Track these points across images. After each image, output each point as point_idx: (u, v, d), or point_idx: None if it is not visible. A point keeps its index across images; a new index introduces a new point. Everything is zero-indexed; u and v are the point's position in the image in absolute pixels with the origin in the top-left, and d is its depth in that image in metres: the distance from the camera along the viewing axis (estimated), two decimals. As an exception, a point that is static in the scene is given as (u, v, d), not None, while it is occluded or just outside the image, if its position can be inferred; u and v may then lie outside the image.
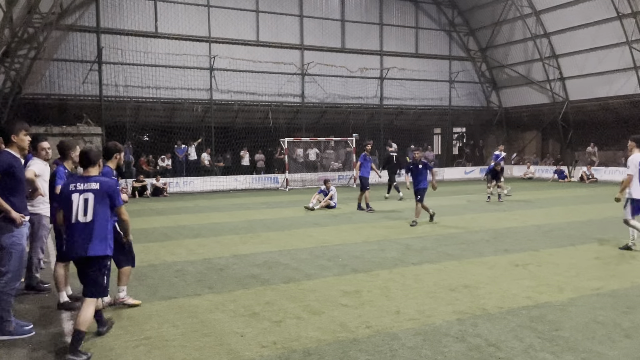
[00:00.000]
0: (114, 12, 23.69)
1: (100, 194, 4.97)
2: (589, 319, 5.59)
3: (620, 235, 10.71)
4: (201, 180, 24.41)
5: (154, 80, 24.44)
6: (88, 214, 4.92)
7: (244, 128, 26.79)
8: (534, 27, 28.71)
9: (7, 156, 5.39)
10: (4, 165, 5.29)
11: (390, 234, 11.40)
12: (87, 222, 4.91)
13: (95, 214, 4.93)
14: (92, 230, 4.90)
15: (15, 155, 5.48)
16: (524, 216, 13.97)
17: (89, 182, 5.01)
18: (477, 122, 34.13)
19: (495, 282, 7.15)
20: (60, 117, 22.04)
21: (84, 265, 4.96)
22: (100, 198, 4.96)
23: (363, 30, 29.67)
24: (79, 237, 4.90)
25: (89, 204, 4.92)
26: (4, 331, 5.25)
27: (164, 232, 11.96)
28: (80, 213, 4.92)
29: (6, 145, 5.52)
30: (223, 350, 4.87)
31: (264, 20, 26.94)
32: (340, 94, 28.95)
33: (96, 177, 5.11)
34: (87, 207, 4.92)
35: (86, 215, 4.92)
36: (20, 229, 5.42)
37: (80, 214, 4.92)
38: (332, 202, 16.41)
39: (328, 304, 6.26)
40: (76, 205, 4.93)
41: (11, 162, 5.37)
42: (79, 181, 5.04)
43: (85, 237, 4.89)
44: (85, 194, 4.94)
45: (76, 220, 4.93)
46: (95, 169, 5.18)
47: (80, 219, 4.92)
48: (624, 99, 26.18)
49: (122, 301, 6.25)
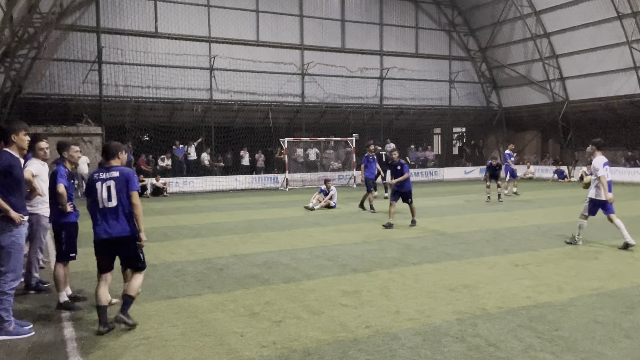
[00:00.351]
0: (114, 12, 23.68)
1: (120, 181, 5.51)
2: (588, 319, 5.59)
3: (619, 235, 10.71)
4: (201, 180, 24.41)
5: (154, 80, 24.43)
6: (113, 199, 5.49)
7: (244, 128, 26.78)
8: (534, 27, 28.70)
9: (7, 156, 5.39)
10: (3, 165, 5.30)
11: (390, 233, 11.41)
12: (113, 207, 5.49)
13: (119, 199, 5.50)
14: (117, 213, 5.48)
15: (15, 155, 5.49)
16: (523, 216, 13.98)
17: (110, 172, 5.57)
18: (477, 122, 34.13)
19: (495, 282, 7.16)
20: (60, 117, 22.04)
21: (119, 245, 5.52)
22: (121, 185, 5.51)
23: (363, 30, 29.65)
24: (109, 220, 5.47)
25: (112, 191, 5.50)
26: (4, 331, 5.25)
27: (164, 232, 11.96)
28: (106, 199, 5.49)
29: (5, 145, 5.52)
30: (223, 350, 4.87)
31: (264, 20, 26.93)
32: (340, 93, 28.94)
33: (117, 167, 5.64)
34: (111, 193, 5.50)
35: (111, 200, 5.49)
36: (19, 229, 5.43)
37: (105, 200, 5.49)
38: (332, 202, 16.41)
39: (328, 303, 6.26)
40: (100, 192, 5.50)
41: (10, 162, 5.37)
42: (102, 171, 5.63)
43: (114, 220, 5.48)
44: (107, 182, 5.52)
45: (103, 206, 5.49)
46: (116, 161, 5.67)
47: (107, 204, 5.48)
48: (624, 98, 26.18)
49: None
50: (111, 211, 5.47)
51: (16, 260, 5.43)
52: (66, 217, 6.34)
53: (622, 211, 14.63)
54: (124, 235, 5.48)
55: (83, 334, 5.35)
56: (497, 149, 31.78)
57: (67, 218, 6.35)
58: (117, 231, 5.45)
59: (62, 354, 4.86)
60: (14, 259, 5.39)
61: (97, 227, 5.52)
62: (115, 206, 5.48)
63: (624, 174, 26.34)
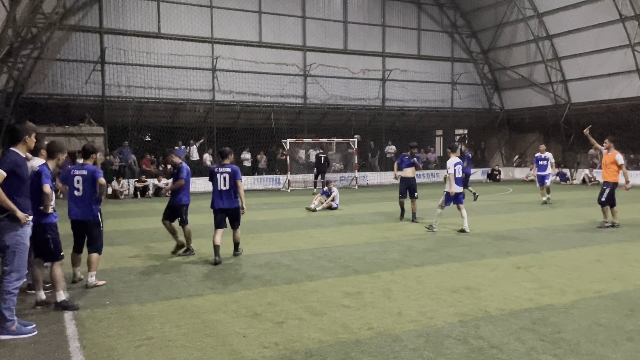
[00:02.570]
0: (117, 13, 23.74)
1: (231, 174, 8.86)
2: (591, 321, 5.58)
3: (621, 237, 10.71)
4: (203, 180, 24.37)
5: (157, 81, 24.48)
6: (227, 184, 8.82)
7: (246, 129, 26.80)
8: (537, 29, 28.69)
9: (14, 155, 5.44)
10: (10, 164, 5.33)
11: (392, 235, 11.40)
12: (226, 190, 8.87)
13: (230, 185, 8.86)
14: (229, 193, 8.87)
15: (22, 155, 5.53)
16: (526, 218, 13.96)
17: (225, 167, 8.91)
18: (479, 124, 34.11)
19: (497, 284, 7.15)
20: (62, 117, 22.07)
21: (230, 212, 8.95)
22: (230, 175, 8.85)
23: (365, 32, 29.67)
24: (223, 198, 8.86)
25: (227, 180, 8.83)
26: (7, 330, 5.26)
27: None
28: (222, 184, 8.84)
29: (13, 145, 5.55)
30: (225, 351, 4.87)
31: (266, 22, 26.97)
32: (342, 95, 28.96)
33: (228, 164, 8.95)
34: (226, 181, 8.81)
35: (225, 185, 8.83)
36: (25, 229, 5.46)
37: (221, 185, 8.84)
38: (334, 204, 16.40)
39: (330, 305, 6.26)
40: (218, 181, 8.85)
41: (17, 161, 5.42)
42: (217, 167, 9.00)
43: (227, 198, 8.87)
44: (223, 174, 8.84)
45: (220, 189, 8.88)
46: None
47: (223, 188, 8.84)
48: (627, 101, 26.15)
49: (94, 284, 7.21)
50: (225, 193, 8.84)
51: (21, 259, 5.45)
52: (48, 218, 6.23)
53: (624, 214, 14.62)
54: (235, 206, 8.93)
55: (85, 334, 5.35)
56: None
57: (48, 219, 6.24)
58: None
59: (64, 353, 4.86)
60: (18, 259, 5.41)
61: (216, 201, 8.90)
62: (227, 189, 8.83)
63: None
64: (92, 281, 7.20)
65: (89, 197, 7.11)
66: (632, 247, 9.84)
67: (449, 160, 11.77)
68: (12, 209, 5.29)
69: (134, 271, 8.13)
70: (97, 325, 5.60)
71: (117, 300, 6.55)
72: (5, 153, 5.52)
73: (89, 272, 7.21)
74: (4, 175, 5.24)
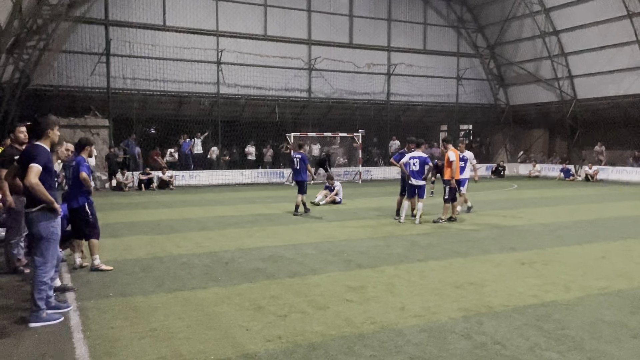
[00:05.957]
0: (123, 5, 23.69)
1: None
2: (595, 318, 5.57)
3: (626, 234, 10.66)
4: (207, 173, 24.47)
5: (162, 73, 24.46)
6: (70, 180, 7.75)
7: (250, 122, 26.78)
8: (543, 25, 28.51)
9: (43, 150, 5.57)
10: (44, 159, 5.48)
11: (396, 230, 11.39)
12: None
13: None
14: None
15: (48, 149, 5.67)
16: (530, 214, 13.92)
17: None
18: (484, 119, 33.98)
19: (501, 280, 7.13)
20: (67, 108, 22.11)
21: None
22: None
23: (371, 26, 29.54)
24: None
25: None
26: (39, 318, 5.40)
27: (170, 225, 12.00)
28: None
29: (37, 139, 5.63)
30: (228, 344, 4.88)
31: (271, 15, 26.88)
32: (347, 89, 28.88)
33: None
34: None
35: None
36: (57, 219, 5.66)
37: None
38: (338, 198, 16.40)
39: (333, 299, 6.26)
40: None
41: (49, 155, 5.61)
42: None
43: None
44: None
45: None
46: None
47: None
48: (634, 98, 25.98)
49: (98, 267, 7.60)
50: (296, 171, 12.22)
51: (55, 250, 5.66)
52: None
53: (627, 210, 14.56)
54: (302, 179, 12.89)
55: (89, 325, 5.37)
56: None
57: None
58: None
59: (68, 345, 4.89)
60: (52, 249, 5.60)
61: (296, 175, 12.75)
62: (298, 168, 13.09)
63: (631, 173, 26.19)
64: (97, 263, 7.63)
65: (75, 187, 7.59)
66: (637, 244, 9.80)
67: (408, 154, 12.37)
68: (51, 201, 5.47)
69: (138, 263, 8.16)
70: (101, 316, 5.62)
71: (121, 291, 6.57)
72: (32, 147, 5.59)
73: (92, 257, 7.67)
74: (40, 169, 5.39)
